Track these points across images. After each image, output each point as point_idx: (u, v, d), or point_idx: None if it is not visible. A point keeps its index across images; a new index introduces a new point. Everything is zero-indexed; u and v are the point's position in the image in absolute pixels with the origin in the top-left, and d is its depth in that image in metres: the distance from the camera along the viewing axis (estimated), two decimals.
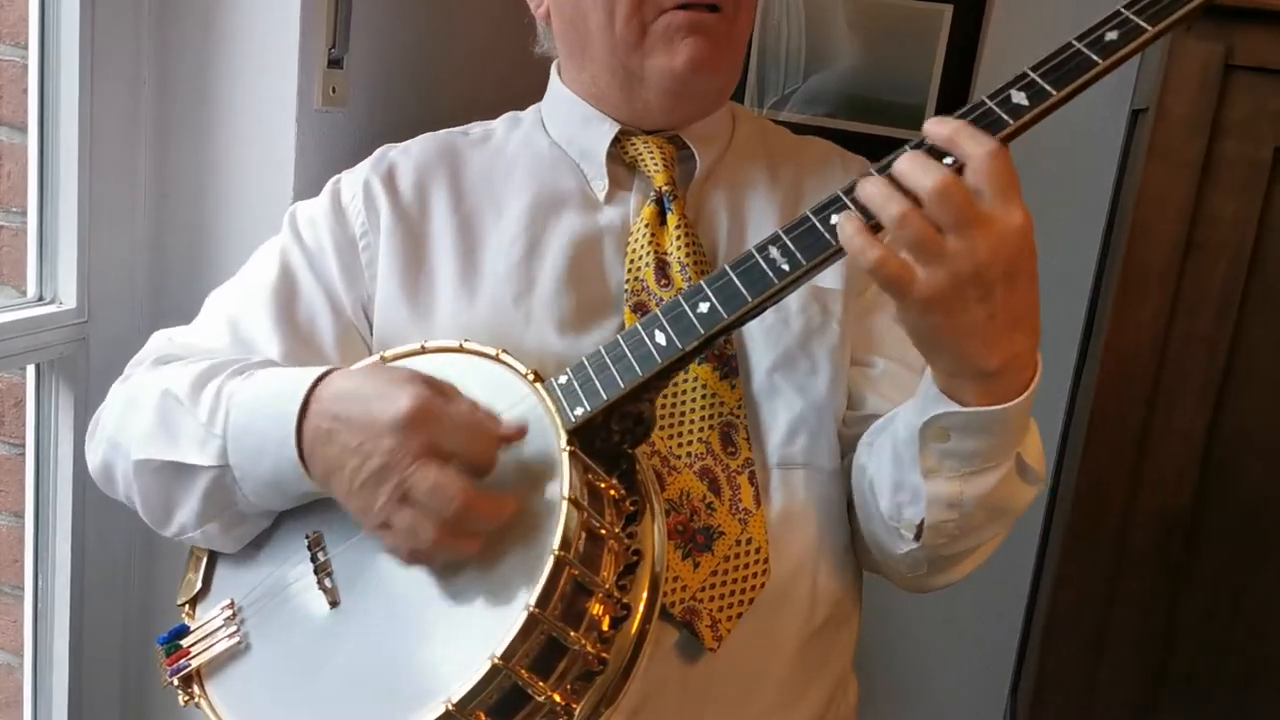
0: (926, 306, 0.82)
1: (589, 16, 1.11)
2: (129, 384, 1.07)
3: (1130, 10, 0.83)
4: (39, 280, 1.37)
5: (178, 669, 0.95)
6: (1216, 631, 1.52)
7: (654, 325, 0.91)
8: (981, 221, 0.79)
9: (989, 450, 0.91)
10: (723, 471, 1.04)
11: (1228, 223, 1.42)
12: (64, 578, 1.47)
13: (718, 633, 1.01)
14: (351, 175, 1.18)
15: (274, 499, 0.96)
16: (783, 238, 0.88)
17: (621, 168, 1.17)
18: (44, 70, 1.33)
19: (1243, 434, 1.47)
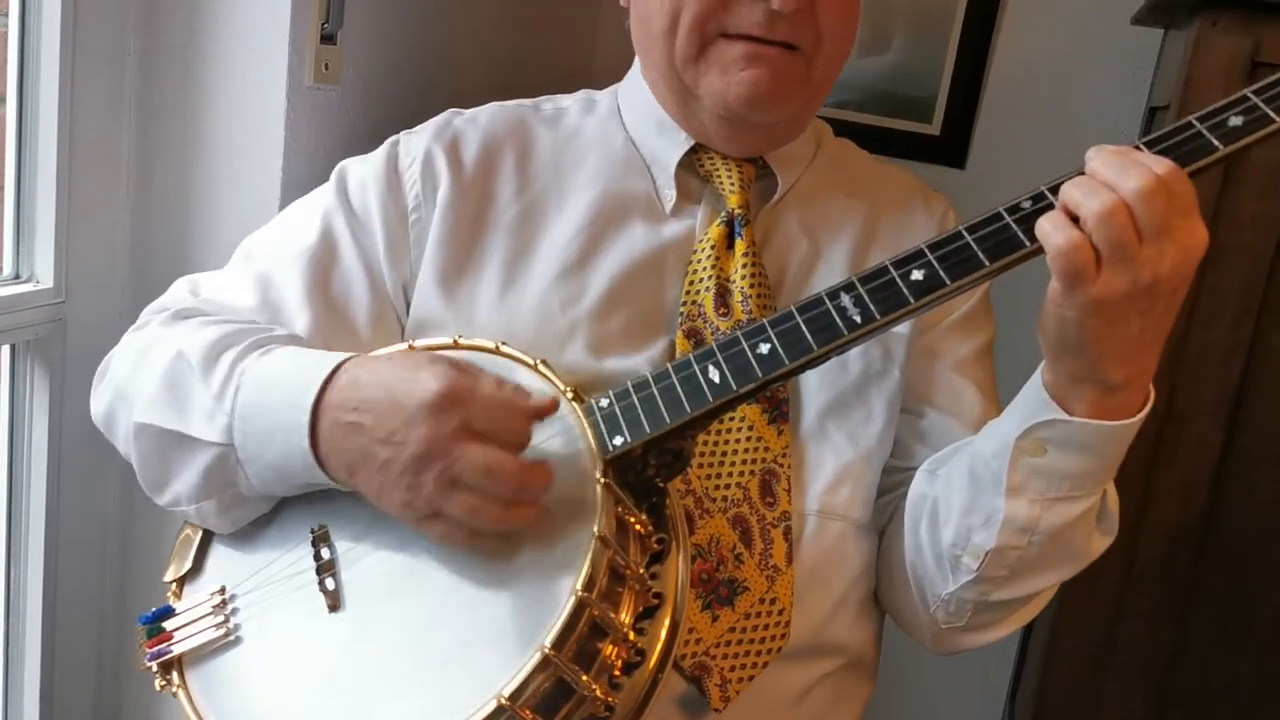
0: (1094, 308, 0.80)
1: (654, 19, 1.05)
2: (144, 333, 1.02)
3: None
4: (15, 258, 1.32)
5: (158, 653, 0.89)
6: (1225, 647, 1.49)
7: (708, 360, 0.88)
8: (1173, 231, 0.79)
9: (1082, 474, 0.89)
10: (757, 522, 1.00)
11: (1247, 226, 1.37)
12: (37, 561, 1.43)
13: (725, 694, 0.97)
14: (412, 138, 1.11)
15: (279, 486, 0.91)
16: (858, 287, 0.86)
17: (695, 178, 1.11)
18: (24, 39, 1.28)
19: (1259, 446, 1.43)
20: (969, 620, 1.00)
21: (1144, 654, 1.50)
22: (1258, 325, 1.40)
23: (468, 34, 1.71)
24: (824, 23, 1.03)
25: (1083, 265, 0.79)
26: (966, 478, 0.95)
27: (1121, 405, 0.86)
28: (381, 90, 1.49)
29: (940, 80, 2.01)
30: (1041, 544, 0.92)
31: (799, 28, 1.02)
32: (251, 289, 1.04)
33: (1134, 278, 0.79)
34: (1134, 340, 0.82)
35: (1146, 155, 0.81)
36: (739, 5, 1.00)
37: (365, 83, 1.45)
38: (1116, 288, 0.79)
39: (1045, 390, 0.87)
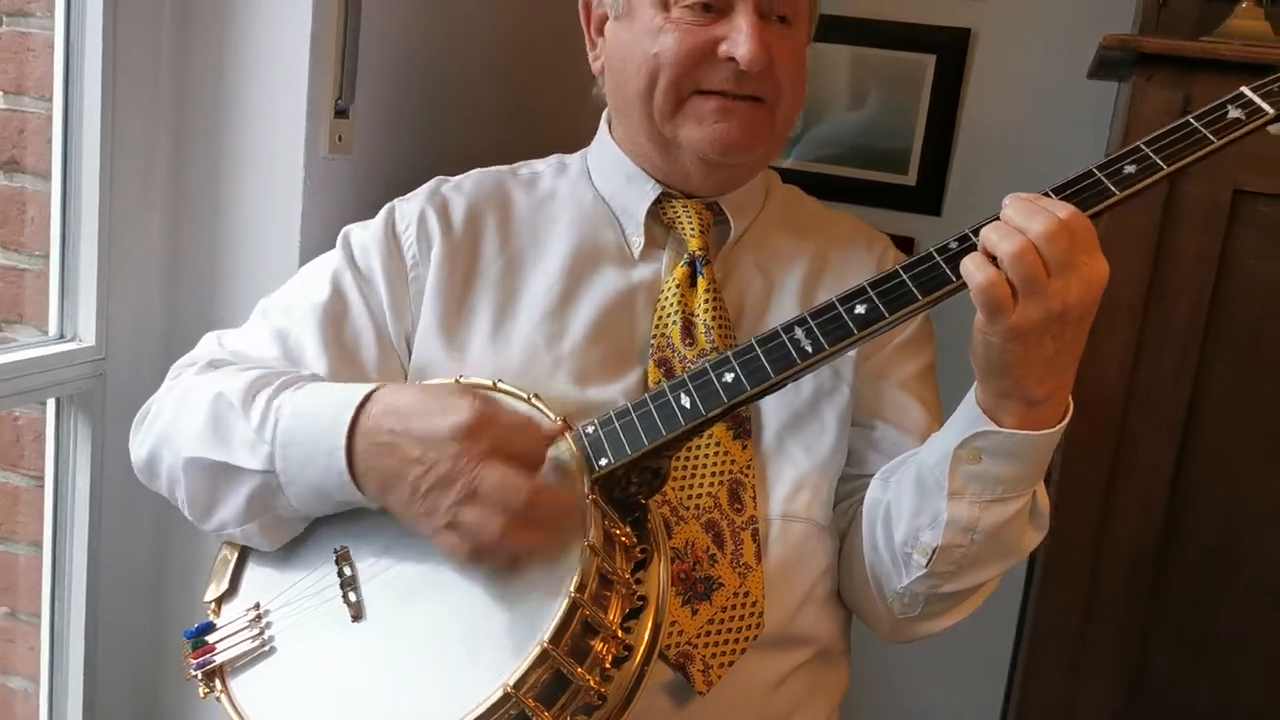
0: (1013, 334, 0.91)
1: (632, 81, 1.18)
2: (180, 383, 1.13)
3: (1253, 90, 0.97)
4: (60, 319, 1.44)
5: (202, 663, 1.00)
6: (1186, 654, 1.57)
7: (680, 389, 0.99)
8: (1078, 267, 0.90)
9: (1013, 478, 1.00)
10: (728, 526, 1.11)
11: (1190, 261, 1.49)
12: (79, 606, 1.54)
13: (708, 678, 1.07)
14: (405, 205, 1.24)
15: (316, 506, 1.01)
16: (809, 321, 0.97)
17: (659, 226, 1.24)
18: (67, 122, 1.41)
19: (1208, 467, 1.53)
20: (922, 610, 1.11)
21: (1112, 662, 1.58)
22: (1202, 354, 1.51)
23: (469, 107, 1.83)
24: (782, 78, 1.17)
25: (1001, 299, 0.90)
26: (914, 484, 1.06)
27: (1044, 417, 0.97)
28: (389, 159, 1.61)
29: (914, 134, 2.13)
30: (982, 541, 1.03)
31: (763, 83, 1.15)
32: (272, 341, 1.16)
33: (1046, 308, 0.90)
34: (1050, 361, 0.93)
35: (1053, 201, 0.93)
36: (711, 67, 1.14)
37: (374, 152, 1.57)
38: (1031, 317, 0.90)
39: (978, 406, 0.99)
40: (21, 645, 1.67)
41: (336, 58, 1.47)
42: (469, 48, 1.81)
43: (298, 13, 1.42)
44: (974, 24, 2.07)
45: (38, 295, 1.51)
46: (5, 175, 1.50)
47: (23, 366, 1.36)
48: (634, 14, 1.18)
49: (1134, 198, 0.96)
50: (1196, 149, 0.95)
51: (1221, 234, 1.48)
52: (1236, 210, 1.47)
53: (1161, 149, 0.96)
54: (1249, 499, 1.52)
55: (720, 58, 1.13)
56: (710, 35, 1.13)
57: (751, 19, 1.12)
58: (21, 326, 1.54)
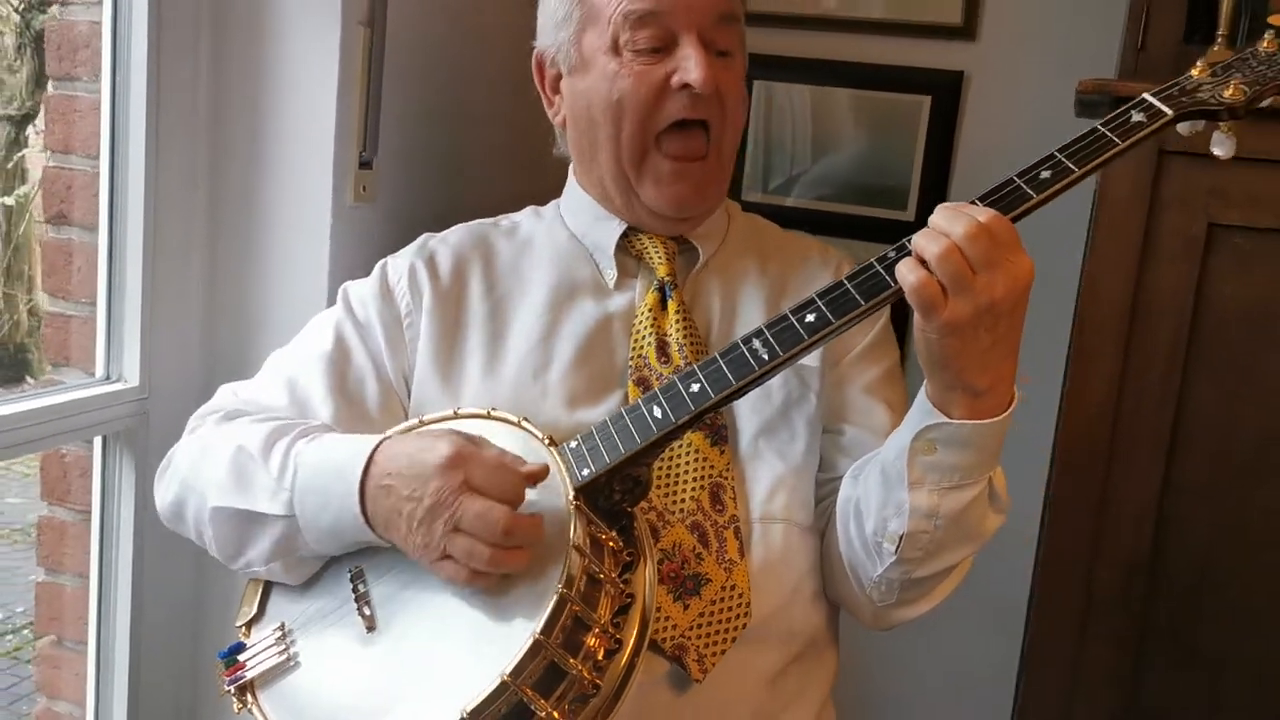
0: (947, 329, 0.99)
1: (599, 128, 1.29)
2: (199, 434, 1.23)
3: (1154, 96, 1.06)
4: (106, 361, 1.55)
5: (235, 680, 1.09)
6: (1179, 666, 1.62)
7: (652, 401, 1.07)
8: (1001, 263, 0.98)
9: (967, 466, 1.08)
10: (711, 526, 1.19)
11: (1168, 291, 1.56)
12: (124, 634, 1.64)
13: (704, 666, 1.16)
14: (397, 260, 1.35)
15: (332, 546, 1.11)
16: (765, 332, 1.06)
17: (629, 258, 1.34)
18: (113, 178, 1.53)
19: (1194, 485, 1.59)
20: (899, 597, 1.19)
21: (1108, 674, 1.64)
22: (1185, 376, 1.57)
23: (482, 159, 1.94)
24: (728, 103, 1.28)
25: (932, 297, 0.98)
26: (879, 478, 1.14)
27: (989, 406, 1.05)
28: (410, 207, 1.72)
29: (912, 172, 2.21)
30: (945, 526, 1.10)
31: (711, 107, 1.26)
32: (282, 390, 1.26)
33: (975, 303, 0.97)
34: (987, 352, 1.01)
35: (976, 207, 1.01)
36: (668, 98, 1.25)
37: (396, 201, 1.68)
38: (962, 312, 0.98)
39: (929, 401, 1.07)
40: (68, 671, 1.76)
41: (360, 115, 1.59)
42: (482, 102, 1.93)
43: (324, 75, 1.54)
44: (967, 67, 2.15)
45: (84, 340, 1.62)
46: (54, 228, 1.62)
47: (73, 406, 1.47)
48: (588, 65, 1.29)
49: (1052, 199, 1.04)
50: (1104, 151, 1.04)
51: (1198, 264, 1.54)
52: (1211, 242, 1.54)
53: (1073, 155, 1.03)
54: (1234, 515, 1.58)
55: (674, 87, 1.24)
56: (662, 71, 1.25)
57: (698, 48, 1.23)
58: (69, 369, 1.64)
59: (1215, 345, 1.56)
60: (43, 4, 4.35)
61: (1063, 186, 1.04)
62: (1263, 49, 1.11)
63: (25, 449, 1.48)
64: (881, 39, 2.19)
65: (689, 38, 1.23)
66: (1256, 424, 1.56)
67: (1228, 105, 1.06)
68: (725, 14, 1.27)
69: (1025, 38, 2.10)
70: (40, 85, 4.63)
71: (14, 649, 3.55)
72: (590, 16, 1.28)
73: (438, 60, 1.79)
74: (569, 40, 1.30)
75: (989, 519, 1.14)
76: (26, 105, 4.42)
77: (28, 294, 4.57)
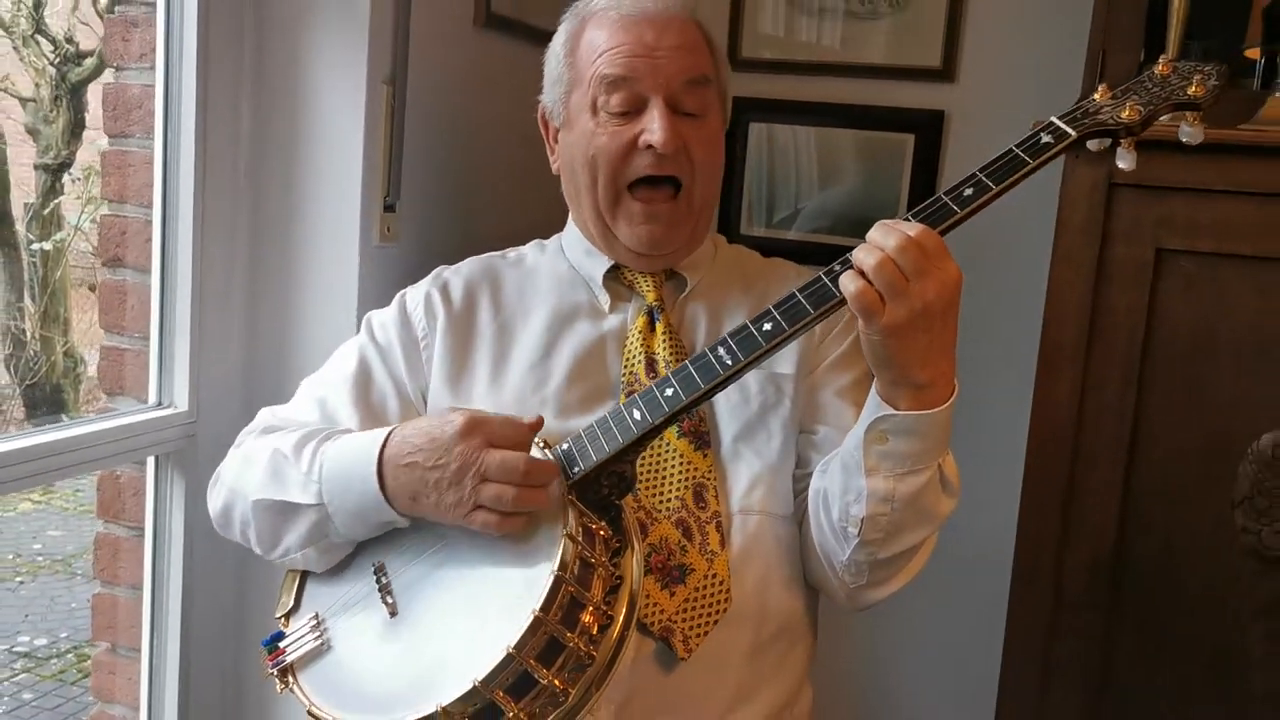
0: (887, 331, 1.11)
1: (579, 176, 1.44)
2: (243, 448, 1.39)
3: (1059, 119, 1.20)
4: (158, 389, 1.71)
5: (277, 664, 1.24)
6: (1146, 657, 1.74)
7: (632, 405, 1.21)
8: (931, 271, 1.10)
9: (917, 453, 1.20)
10: (695, 522, 1.33)
11: (1122, 312, 1.69)
12: (174, 641, 1.78)
13: (688, 646, 1.29)
14: (414, 290, 1.50)
15: (358, 528, 1.25)
16: (728, 340, 1.19)
17: (621, 286, 1.49)
18: (165, 225, 1.69)
19: (1152, 488, 1.72)
20: (868, 578, 1.31)
21: (1079, 666, 1.76)
22: (1139, 391, 1.70)
23: (499, 198, 2.09)
24: (696, 159, 1.40)
25: (871, 303, 1.10)
26: (840, 468, 1.27)
27: (932, 398, 1.17)
28: (431, 245, 1.86)
29: (899, 205, 2.36)
30: (902, 509, 1.22)
31: (679, 164, 1.39)
32: (313, 408, 1.42)
33: (909, 306, 1.09)
34: (925, 350, 1.13)
35: (908, 223, 1.14)
36: (636, 156, 1.39)
37: (419, 240, 1.83)
38: (898, 315, 1.10)
39: (879, 396, 1.20)
40: (122, 677, 1.90)
41: (384, 163, 1.74)
42: (494, 150, 2.08)
43: (351, 129, 1.69)
44: (947, 106, 2.30)
45: (137, 371, 1.77)
46: (110, 270, 1.78)
47: (130, 429, 1.63)
48: (573, 122, 1.44)
49: (975, 213, 1.16)
50: (1017, 169, 1.17)
51: (1148, 288, 1.68)
52: (1160, 266, 1.67)
53: (991, 173, 1.17)
54: (1189, 515, 1.70)
55: (641, 147, 1.38)
56: (632, 132, 1.38)
57: (663, 111, 1.37)
58: (122, 397, 1.80)
59: (1166, 361, 1.69)
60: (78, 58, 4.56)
61: (983, 202, 1.17)
62: (1157, 72, 1.24)
63: (88, 468, 1.64)
64: (867, 82, 2.35)
65: (656, 100, 1.37)
66: (1205, 432, 1.69)
67: (1124, 125, 1.19)
68: (693, 78, 1.40)
69: (1000, 78, 2.25)
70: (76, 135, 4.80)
71: (59, 671, 3.70)
72: (576, 79, 1.43)
73: (453, 113, 1.94)
74: (560, 99, 1.46)
75: (942, 502, 1.26)
76: (63, 154, 4.61)
77: (64, 336, 4.75)
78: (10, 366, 4.61)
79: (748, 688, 1.35)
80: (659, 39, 1.39)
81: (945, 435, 1.21)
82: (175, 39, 1.65)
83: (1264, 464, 1.66)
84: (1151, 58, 1.78)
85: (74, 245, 4.77)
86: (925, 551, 1.33)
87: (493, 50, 2.02)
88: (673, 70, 1.39)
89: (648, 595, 1.28)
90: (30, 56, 4.50)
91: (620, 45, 1.39)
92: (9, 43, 4.40)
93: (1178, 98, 1.21)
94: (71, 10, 4.49)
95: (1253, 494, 1.68)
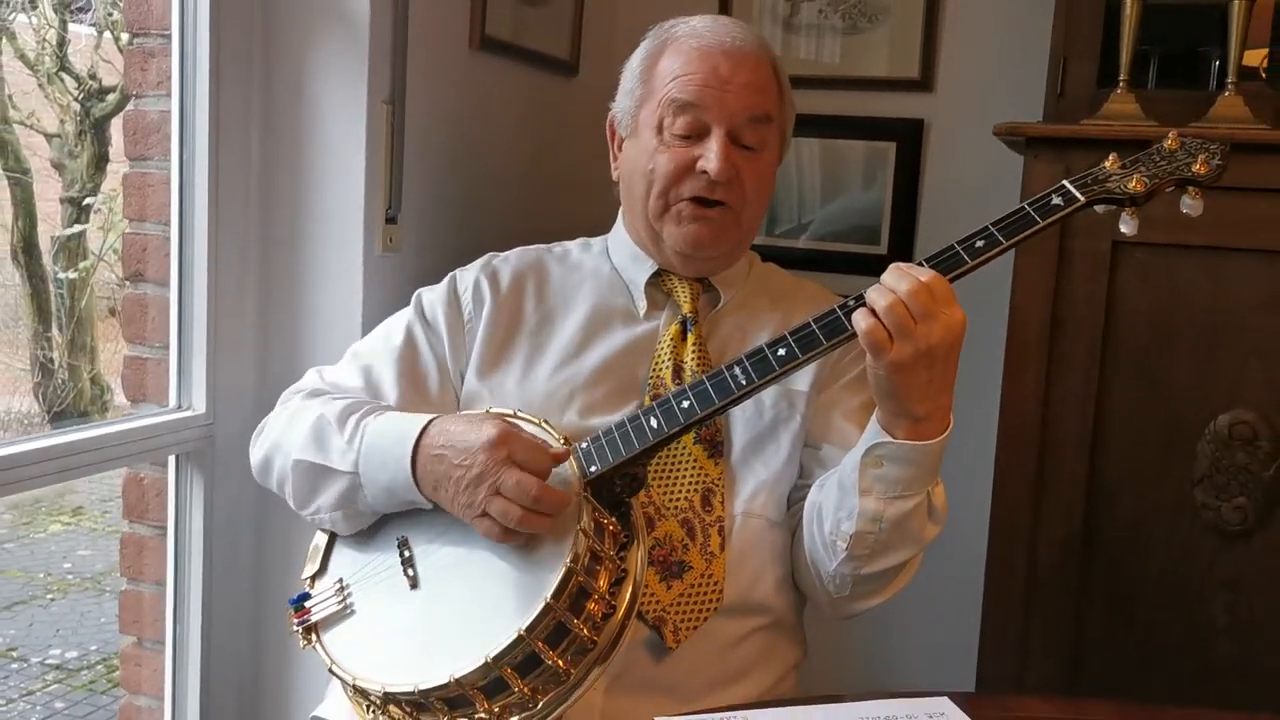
0: (893, 368, 1.19)
1: (635, 186, 1.53)
2: (289, 405, 1.48)
3: (1071, 183, 1.27)
4: (178, 392, 1.82)
5: (302, 622, 1.32)
6: (1114, 632, 1.83)
7: (650, 413, 1.29)
8: (938, 315, 1.18)
9: (909, 479, 1.27)
10: (699, 523, 1.41)
11: (1082, 302, 1.78)
12: (196, 633, 1.88)
13: (677, 636, 1.37)
14: (464, 273, 1.59)
15: (385, 503, 1.33)
16: (744, 361, 1.28)
17: (660, 293, 1.57)
18: (181, 241, 1.80)
19: (1116, 474, 1.80)
20: (852, 591, 1.39)
21: (1053, 641, 1.85)
22: (1101, 379, 1.79)
23: (496, 210, 2.19)
24: (748, 190, 1.49)
25: (880, 341, 1.18)
26: (836, 486, 1.35)
27: (927, 430, 1.25)
28: (430, 254, 1.96)
29: (883, 211, 2.45)
30: (889, 530, 1.30)
31: (730, 191, 1.48)
32: (358, 375, 1.51)
33: (915, 346, 1.18)
34: (925, 387, 1.21)
35: (920, 268, 1.22)
36: (690, 178, 1.48)
37: (419, 249, 1.93)
38: (904, 354, 1.18)
39: (879, 424, 1.28)
40: (147, 669, 1.98)
41: (385, 178, 1.84)
42: (491, 162, 2.19)
43: (354, 146, 1.80)
44: (926, 115, 2.40)
45: (158, 379, 1.88)
46: (132, 284, 1.89)
47: (152, 429, 1.74)
48: (639, 134, 1.53)
49: (985, 264, 1.25)
50: (1027, 227, 1.26)
51: (1106, 279, 1.77)
52: (1117, 258, 1.76)
53: (1003, 229, 1.26)
54: (1151, 498, 1.79)
55: (697, 171, 1.46)
56: (691, 155, 1.47)
57: (722, 142, 1.45)
58: (145, 404, 1.90)
59: (1126, 349, 1.78)
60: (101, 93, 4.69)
61: (993, 254, 1.26)
62: (1166, 146, 1.31)
63: (117, 464, 1.75)
64: (848, 93, 2.45)
65: (718, 131, 1.45)
66: (1164, 414, 1.78)
67: (1130, 195, 1.27)
68: (756, 116, 1.48)
69: (975, 87, 2.36)
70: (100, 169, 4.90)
71: (89, 682, 3.81)
72: (648, 95, 1.52)
73: (451, 130, 2.05)
74: (630, 111, 1.55)
75: (927, 528, 1.33)
76: (87, 187, 4.73)
77: (91, 364, 4.87)
78: (39, 394, 4.72)
79: (731, 675, 1.42)
80: (732, 74, 1.47)
81: (936, 465, 1.28)
82: (189, 67, 1.77)
83: (1221, 443, 1.75)
84: (1108, 63, 1.90)
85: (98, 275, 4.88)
86: (908, 573, 1.40)
87: (488, 71, 2.13)
88: (738, 106, 1.47)
89: (647, 586, 1.35)
90: (55, 93, 4.61)
91: (694, 73, 1.47)
92: (35, 80, 4.51)
93: (1183, 174, 1.28)
94: (95, 48, 4.60)
95: (1211, 472, 1.77)
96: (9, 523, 4.87)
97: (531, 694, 1.17)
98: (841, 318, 1.25)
